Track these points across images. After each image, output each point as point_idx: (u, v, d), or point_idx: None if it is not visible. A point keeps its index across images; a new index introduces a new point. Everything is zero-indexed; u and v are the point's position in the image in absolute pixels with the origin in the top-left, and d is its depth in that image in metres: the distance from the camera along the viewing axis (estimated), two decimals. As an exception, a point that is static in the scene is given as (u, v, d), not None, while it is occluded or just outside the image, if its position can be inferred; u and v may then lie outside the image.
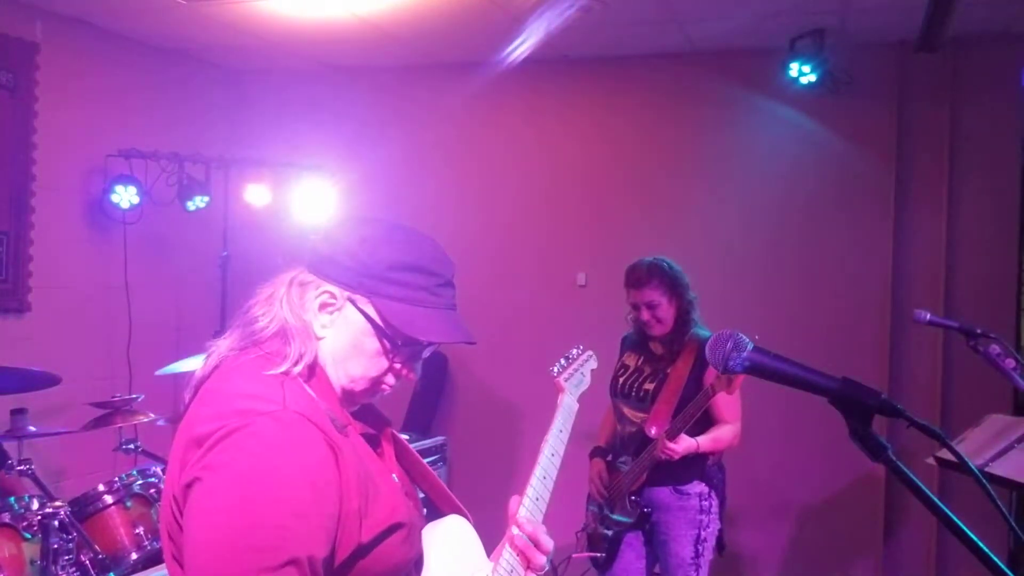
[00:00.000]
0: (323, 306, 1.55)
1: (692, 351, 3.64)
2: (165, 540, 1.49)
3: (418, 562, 1.59)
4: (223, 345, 1.57)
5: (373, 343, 1.56)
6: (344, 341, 1.56)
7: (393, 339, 1.55)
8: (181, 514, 1.39)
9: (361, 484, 1.44)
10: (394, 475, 1.63)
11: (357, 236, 1.58)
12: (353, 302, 1.55)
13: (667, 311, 3.65)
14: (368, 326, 1.55)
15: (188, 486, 1.37)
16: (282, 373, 1.48)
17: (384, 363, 1.58)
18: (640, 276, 3.65)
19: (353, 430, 1.56)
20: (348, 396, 1.60)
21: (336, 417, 1.51)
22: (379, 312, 1.54)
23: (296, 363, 1.50)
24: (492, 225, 5.72)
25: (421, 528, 1.63)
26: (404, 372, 1.61)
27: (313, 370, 1.54)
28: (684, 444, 3.44)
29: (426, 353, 1.64)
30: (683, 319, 3.67)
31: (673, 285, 3.65)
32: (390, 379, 1.61)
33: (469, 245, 5.54)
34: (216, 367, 1.54)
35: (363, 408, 1.67)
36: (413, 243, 1.59)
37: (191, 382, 1.55)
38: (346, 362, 1.56)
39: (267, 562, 1.29)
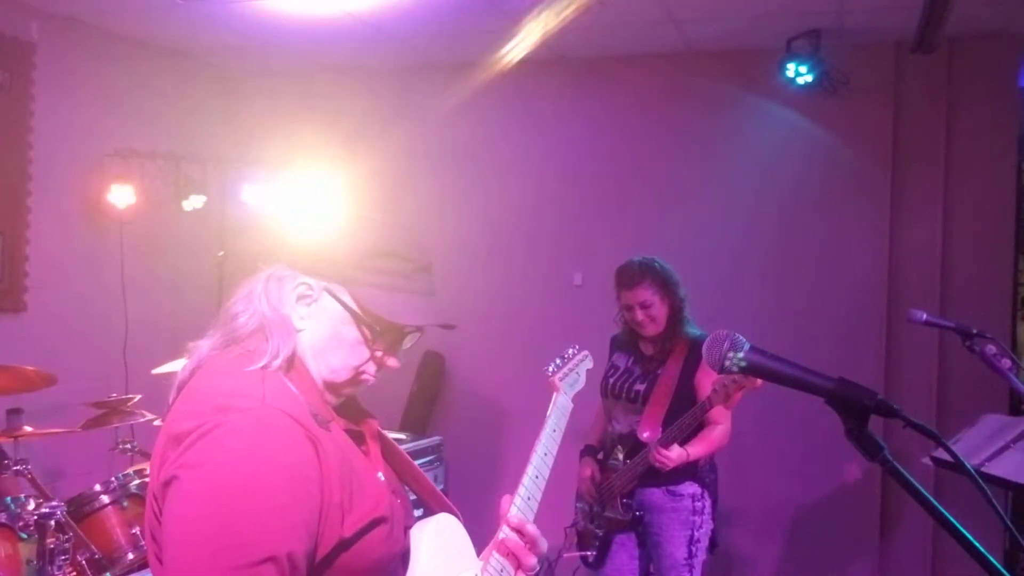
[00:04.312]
0: (300, 298, 1.55)
1: (683, 351, 3.65)
2: (148, 540, 1.49)
3: (404, 558, 1.58)
4: (204, 345, 1.56)
5: (352, 332, 1.55)
6: (324, 332, 1.55)
7: (372, 326, 1.55)
8: (161, 513, 1.39)
9: (343, 478, 1.44)
10: (380, 473, 1.62)
11: (331, 228, 1.59)
12: (330, 292, 1.54)
13: (660, 310, 3.65)
14: (346, 315, 1.54)
15: (166, 484, 1.37)
16: (261, 368, 1.48)
17: (365, 352, 1.57)
18: (632, 276, 3.66)
19: (336, 426, 1.55)
20: (331, 388, 1.58)
21: (318, 412, 1.51)
22: (356, 300, 1.54)
23: (275, 357, 1.50)
24: (489, 225, 5.71)
25: (408, 525, 1.63)
26: (385, 360, 1.60)
27: (292, 364, 1.53)
28: (676, 453, 3.43)
29: (407, 343, 1.63)
30: (676, 317, 3.67)
31: (665, 283, 3.66)
32: (371, 368, 1.60)
33: (466, 245, 5.55)
34: (198, 367, 1.54)
35: (348, 405, 1.67)
36: (386, 230, 1.59)
37: (175, 382, 1.55)
38: (327, 353, 1.55)
39: (245, 559, 1.29)
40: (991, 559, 1.29)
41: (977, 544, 1.29)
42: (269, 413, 1.40)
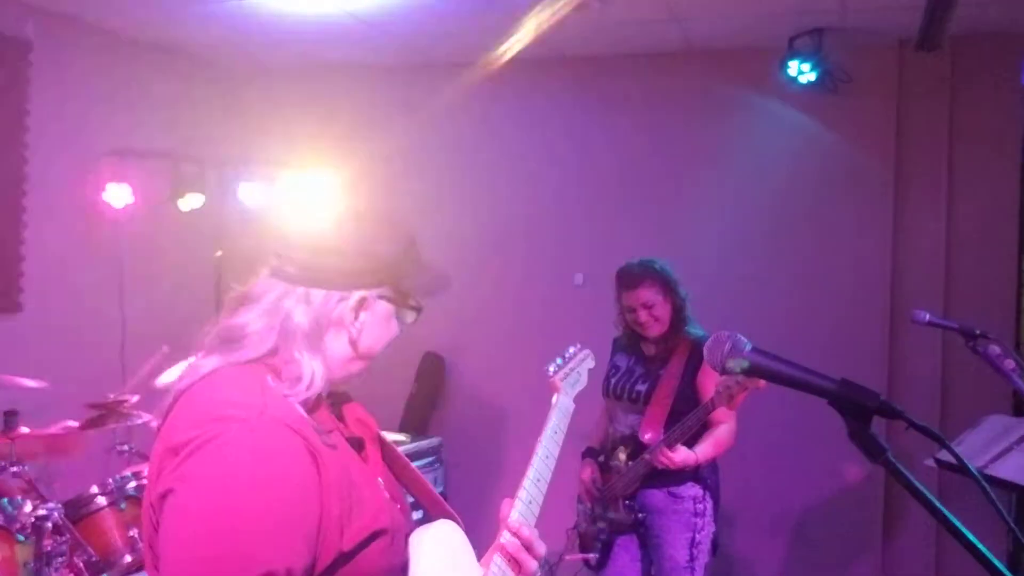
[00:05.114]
0: (355, 312, 1.55)
1: (684, 351, 3.65)
2: (146, 549, 1.47)
3: (404, 568, 1.56)
4: (206, 364, 1.51)
5: (394, 320, 1.63)
6: (375, 333, 1.59)
7: (416, 308, 1.64)
8: (158, 524, 1.37)
9: (343, 490, 1.42)
10: (379, 479, 1.61)
11: (357, 236, 1.59)
12: (382, 296, 1.58)
13: (663, 309, 3.65)
14: (394, 308, 1.61)
15: (163, 496, 1.35)
16: (262, 376, 1.46)
17: (396, 328, 1.64)
18: (633, 277, 3.67)
19: (337, 434, 1.53)
20: (344, 381, 1.61)
21: (320, 421, 1.49)
22: (400, 292, 1.60)
23: (309, 386, 1.48)
24: (489, 225, 5.70)
25: (407, 533, 1.61)
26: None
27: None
28: (682, 456, 3.42)
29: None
30: (678, 317, 3.67)
31: (666, 283, 3.66)
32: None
33: (466, 245, 5.53)
34: (192, 383, 1.49)
35: (349, 410, 1.66)
36: (388, 222, 1.64)
37: (171, 389, 1.51)
38: (374, 347, 1.60)
39: (242, 575, 1.27)
40: (995, 561, 1.28)
41: (981, 546, 1.28)
42: (268, 424, 1.37)
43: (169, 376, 3.70)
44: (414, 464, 1.78)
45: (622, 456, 3.64)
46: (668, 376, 3.63)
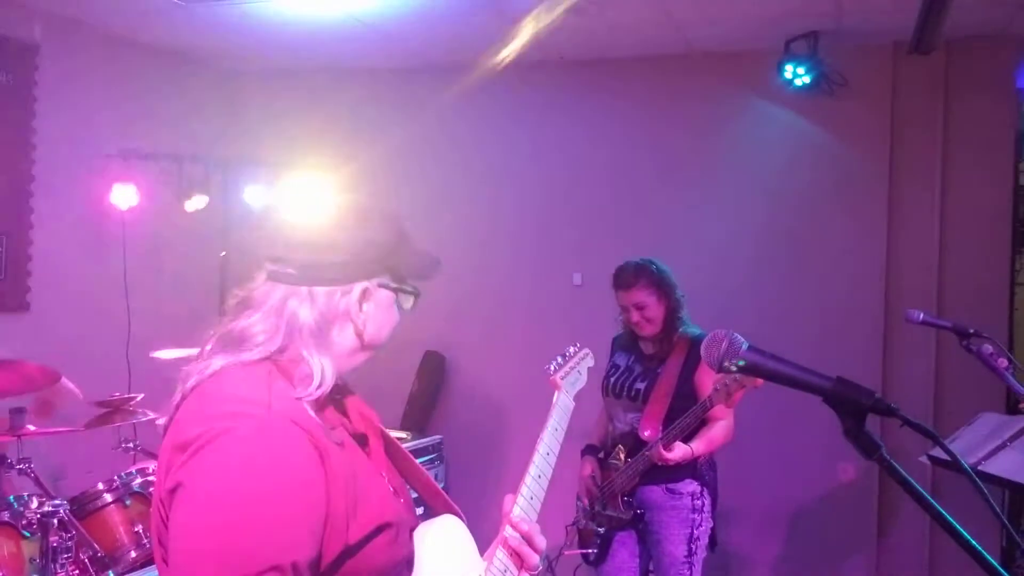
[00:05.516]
0: (359, 304, 1.56)
1: (682, 350, 3.66)
2: (155, 544, 1.49)
3: (409, 561, 1.58)
4: (213, 365, 1.51)
5: (395, 307, 1.64)
6: (379, 321, 1.60)
7: (413, 293, 1.64)
8: (168, 519, 1.39)
9: (348, 485, 1.43)
10: (383, 473, 1.62)
11: (350, 228, 1.58)
12: (382, 285, 1.59)
13: (656, 311, 3.67)
14: (395, 295, 1.62)
15: (172, 491, 1.37)
16: (268, 374, 1.47)
17: (398, 315, 1.65)
18: (628, 278, 3.68)
19: (341, 430, 1.55)
20: (348, 373, 1.62)
21: (326, 419, 1.51)
22: (400, 278, 1.62)
23: (321, 383, 1.49)
24: (488, 226, 5.73)
25: (412, 528, 1.63)
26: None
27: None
28: (680, 452, 3.44)
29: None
30: (672, 319, 3.68)
31: (661, 285, 3.67)
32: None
33: (466, 245, 5.56)
34: (196, 385, 1.50)
35: (352, 406, 1.67)
36: (378, 210, 1.65)
37: (179, 387, 1.52)
38: (379, 336, 1.61)
39: (248, 569, 1.29)
40: (988, 557, 1.30)
41: (974, 542, 1.30)
42: (274, 420, 1.39)
43: (167, 354, 3.73)
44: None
45: (621, 454, 3.68)
46: (666, 374, 3.65)
